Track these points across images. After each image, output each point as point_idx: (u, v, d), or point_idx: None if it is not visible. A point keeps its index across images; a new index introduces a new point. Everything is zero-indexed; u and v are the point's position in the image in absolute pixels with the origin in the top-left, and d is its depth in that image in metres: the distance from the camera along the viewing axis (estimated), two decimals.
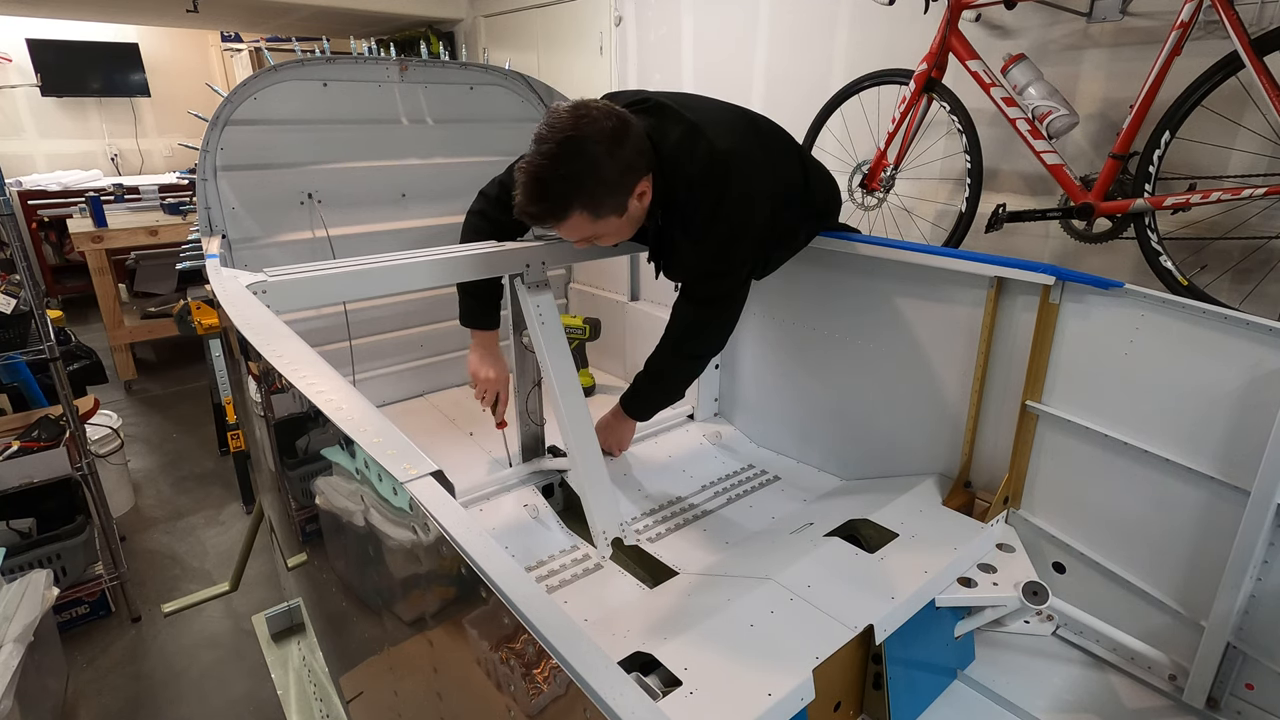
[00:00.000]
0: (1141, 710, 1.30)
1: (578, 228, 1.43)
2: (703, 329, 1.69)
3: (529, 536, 1.68)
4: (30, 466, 2.36)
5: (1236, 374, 1.21)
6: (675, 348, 1.71)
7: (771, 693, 1.03)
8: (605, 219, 1.42)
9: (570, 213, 1.38)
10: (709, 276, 1.60)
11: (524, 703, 0.68)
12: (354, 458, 0.87)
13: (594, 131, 1.34)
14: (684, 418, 2.23)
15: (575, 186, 1.36)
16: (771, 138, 1.65)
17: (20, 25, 6.14)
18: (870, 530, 1.50)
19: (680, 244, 1.58)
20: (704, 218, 1.49)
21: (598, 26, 4.03)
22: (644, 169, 1.43)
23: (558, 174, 1.34)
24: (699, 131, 1.46)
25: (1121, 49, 2.16)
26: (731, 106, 1.64)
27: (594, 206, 1.39)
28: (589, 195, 1.37)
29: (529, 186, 1.36)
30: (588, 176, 1.35)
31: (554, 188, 1.35)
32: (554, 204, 1.38)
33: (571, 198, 1.37)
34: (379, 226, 2.50)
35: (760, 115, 1.69)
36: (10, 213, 2.20)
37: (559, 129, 1.34)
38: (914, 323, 1.68)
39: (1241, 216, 1.97)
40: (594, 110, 1.37)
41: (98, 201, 4.40)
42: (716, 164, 1.44)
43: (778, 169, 1.60)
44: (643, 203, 1.46)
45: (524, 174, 1.37)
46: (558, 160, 1.33)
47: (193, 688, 2.28)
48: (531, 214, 1.41)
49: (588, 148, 1.33)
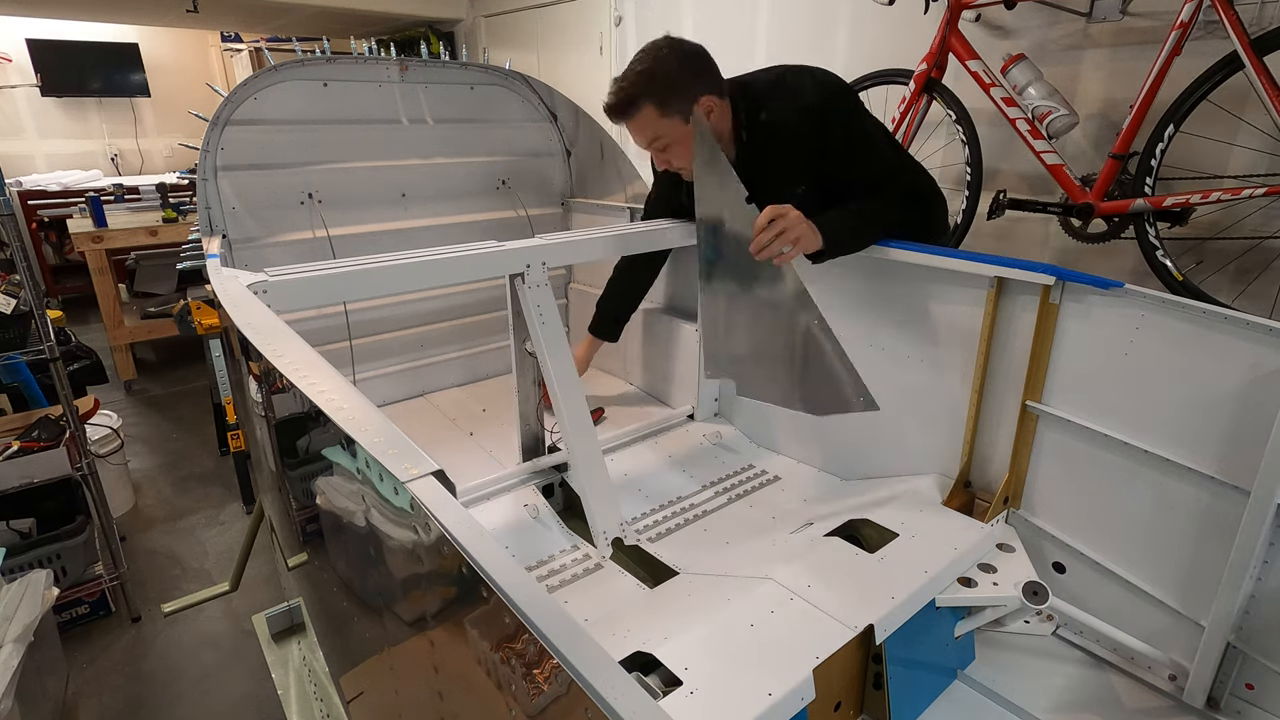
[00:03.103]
0: (1141, 710, 1.30)
1: (647, 123, 1.64)
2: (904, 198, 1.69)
3: (529, 536, 1.68)
4: (30, 466, 2.36)
5: (1236, 374, 1.22)
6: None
7: (771, 693, 1.03)
8: (671, 118, 1.62)
9: (640, 104, 1.61)
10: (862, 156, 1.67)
11: (525, 702, 0.68)
12: (355, 457, 0.87)
13: (669, 46, 1.62)
14: (684, 418, 2.23)
15: (646, 79, 1.61)
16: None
17: (20, 25, 6.15)
18: (870, 530, 1.50)
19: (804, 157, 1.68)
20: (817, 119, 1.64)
21: (598, 26, 4.03)
22: (714, 88, 1.64)
23: (633, 70, 1.62)
24: (787, 70, 1.72)
25: (1121, 49, 2.16)
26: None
27: (661, 101, 1.60)
28: (658, 89, 1.60)
29: (613, 87, 1.63)
30: (657, 72, 1.60)
31: (628, 81, 1.62)
32: (627, 94, 1.62)
33: (642, 88, 1.61)
34: (379, 226, 2.50)
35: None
36: (10, 213, 2.20)
37: (645, 50, 1.63)
38: (914, 322, 1.68)
39: (1239, 215, 1.97)
40: (674, 37, 1.65)
41: (98, 201, 4.40)
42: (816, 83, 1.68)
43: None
44: (711, 121, 1.64)
45: (613, 81, 1.65)
46: (637, 62, 1.62)
47: (193, 688, 2.28)
48: (610, 106, 1.65)
49: (661, 53, 1.61)
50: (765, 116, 1.69)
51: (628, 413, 2.39)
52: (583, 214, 2.85)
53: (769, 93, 1.68)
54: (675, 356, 2.36)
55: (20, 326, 2.31)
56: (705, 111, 1.63)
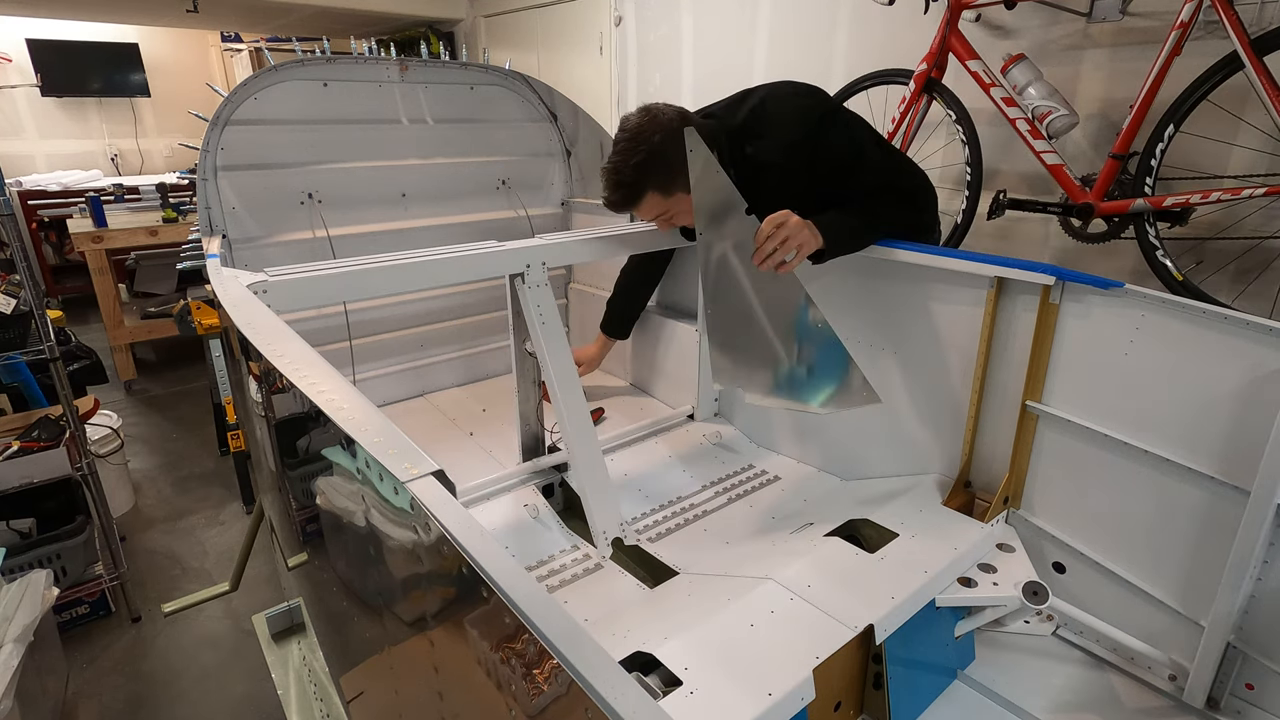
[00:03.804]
0: (1141, 710, 1.30)
1: (653, 207, 1.65)
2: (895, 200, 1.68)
3: (529, 536, 1.68)
4: (30, 466, 2.36)
5: (1236, 374, 1.22)
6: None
7: (771, 693, 1.03)
8: (675, 196, 1.62)
9: (644, 194, 1.61)
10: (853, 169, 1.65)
11: (525, 702, 0.68)
12: (355, 457, 0.87)
13: (657, 124, 1.57)
14: (684, 418, 2.23)
15: (644, 171, 1.58)
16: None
17: (20, 25, 6.15)
18: (870, 530, 1.50)
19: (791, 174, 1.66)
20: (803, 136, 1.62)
21: (598, 26, 4.03)
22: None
23: (629, 164, 1.58)
24: (766, 95, 1.69)
25: (1121, 49, 2.16)
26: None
27: (664, 186, 1.60)
28: (657, 176, 1.59)
29: (609, 179, 1.62)
30: (656, 161, 1.57)
31: (627, 176, 1.60)
32: (629, 190, 1.61)
33: (644, 182, 1.60)
34: (379, 226, 2.50)
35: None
36: (10, 213, 2.20)
37: (628, 129, 1.59)
38: (914, 322, 1.68)
39: (1239, 215, 1.97)
40: (656, 109, 1.61)
41: (98, 201, 4.40)
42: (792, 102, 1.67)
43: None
44: None
45: (604, 172, 1.63)
46: (628, 154, 1.58)
47: (193, 688, 2.28)
48: (613, 202, 1.65)
49: (653, 138, 1.56)
50: (750, 151, 1.66)
51: (628, 413, 2.39)
52: (583, 214, 2.85)
53: (752, 125, 1.66)
54: (675, 356, 2.36)
55: (20, 326, 2.31)
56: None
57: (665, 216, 1.69)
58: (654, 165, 1.58)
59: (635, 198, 1.62)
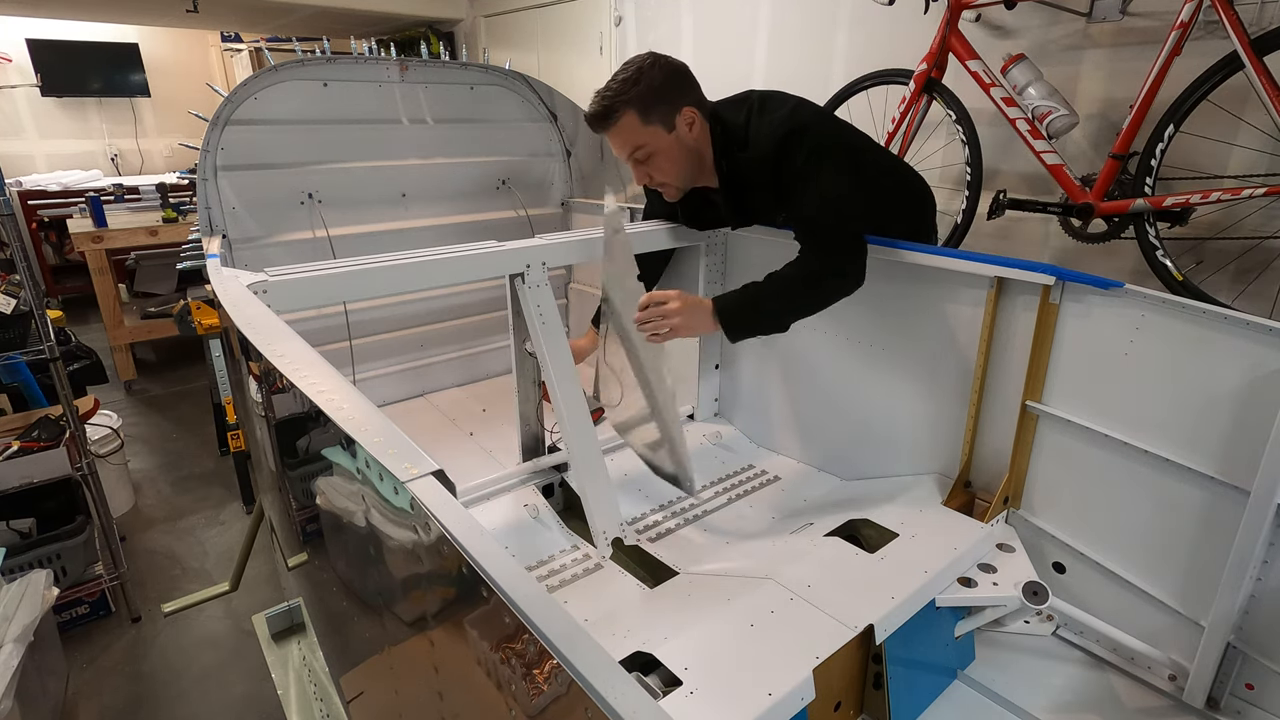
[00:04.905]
0: (1141, 710, 1.30)
1: (629, 132, 1.63)
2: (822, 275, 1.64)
3: (529, 536, 1.68)
4: (30, 466, 2.36)
5: (1236, 374, 1.22)
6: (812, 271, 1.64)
7: (771, 693, 1.03)
8: (653, 126, 1.63)
9: (622, 110, 1.61)
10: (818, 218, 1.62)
11: (525, 702, 0.68)
12: (355, 458, 0.87)
13: (653, 58, 1.64)
14: (684, 418, 2.23)
15: (629, 86, 1.61)
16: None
17: (20, 25, 6.14)
18: (870, 530, 1.50)
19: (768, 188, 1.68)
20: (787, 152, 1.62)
21: (598, 26, 4.03)
22: (694, 99, 1.66)
23: (616, 80, 1.62)
24: (770, 100, 1.70)
25: (1121, 49, 2.16)
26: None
27: (643, 108, 1.61)
28: (638, 97, 1.60)
29: (595, 97, 1.64)
30: (640, 80, 1.61)
31: (611, 89, 1.62)
32: (610, 102, 1.61)
33: (625, 95, 1.61)
34: (379, 226, 2.50)
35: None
36: (10, 213, 2.20)
37: (628, 62, 1.64)
38: (914, 323, 1.68)
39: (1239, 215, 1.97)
40: (658, 53, 1.66)
41: (98, 201, 4.39)
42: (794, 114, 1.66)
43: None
44: (693, 133, 1.66)
45: (595, 93, 1.65)
46: (619, 74, 1.63)
47: (193, 688, 2.28)
48: (593, 115, 1.65)
49: (644, 64, 1.62)
50: (732, 162, 1.71)
51: None
52: (583, 214, 2.85)
53: (739, 131, 1.68)
54: (674, 356, 2.35)
55: (20, 326, 2.31)
56: (687, 123, 1.64)
57: (640, 153, 1.66)
58: (639, 87, 1.60)
59: (613, 112, 1.62)
